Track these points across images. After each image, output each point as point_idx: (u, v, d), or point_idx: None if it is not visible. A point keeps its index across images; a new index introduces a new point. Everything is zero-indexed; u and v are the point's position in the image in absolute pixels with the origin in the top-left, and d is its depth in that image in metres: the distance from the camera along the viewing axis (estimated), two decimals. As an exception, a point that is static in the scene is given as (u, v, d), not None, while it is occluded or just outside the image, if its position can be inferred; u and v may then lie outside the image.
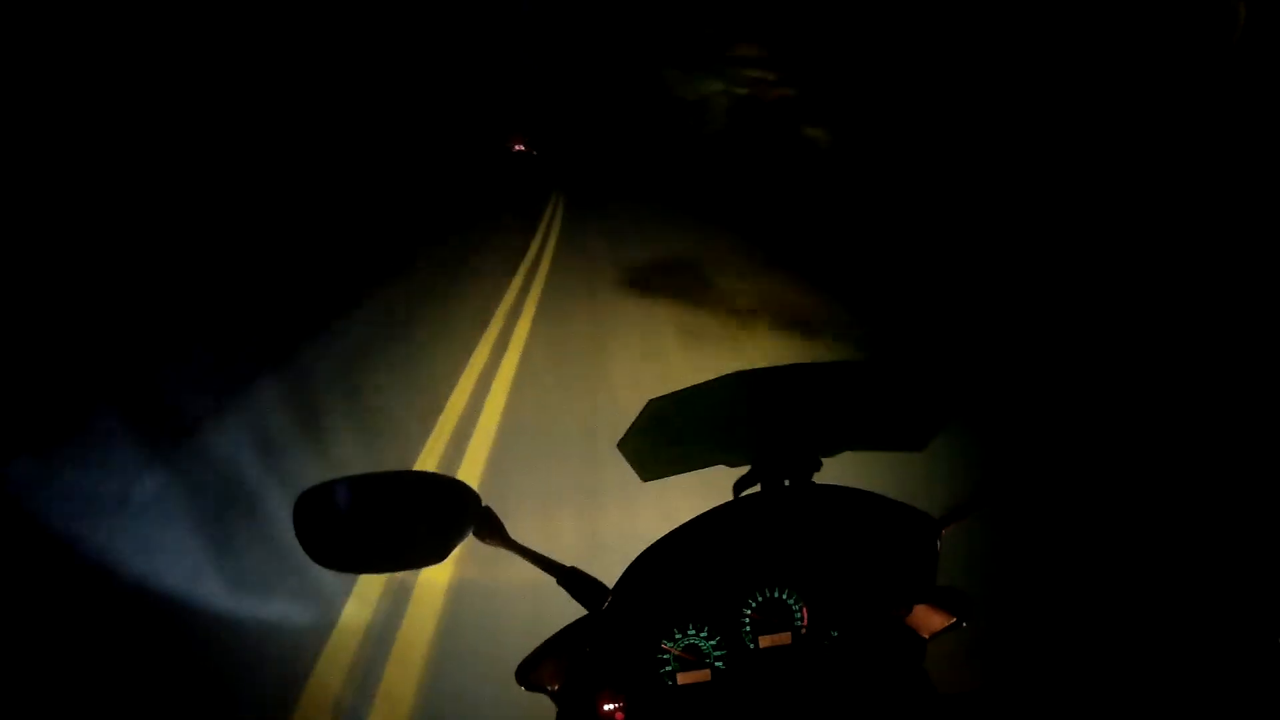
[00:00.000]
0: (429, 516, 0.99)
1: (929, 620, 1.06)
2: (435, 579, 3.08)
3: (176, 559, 3.26)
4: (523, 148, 27.55)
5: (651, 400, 1.01)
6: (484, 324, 6.89)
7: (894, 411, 1.09)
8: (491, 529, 1.00)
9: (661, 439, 1.05)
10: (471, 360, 5.87)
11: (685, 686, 1.01)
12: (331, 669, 2.67)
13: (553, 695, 1.01)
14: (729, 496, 1.09)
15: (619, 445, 1.05)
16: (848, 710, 1.02)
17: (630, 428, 1.02)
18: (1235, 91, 8.10)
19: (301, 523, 0.97)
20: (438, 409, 4.88)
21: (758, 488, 1.08)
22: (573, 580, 1.02)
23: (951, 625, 1.05)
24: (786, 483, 1.07)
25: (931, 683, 1.04)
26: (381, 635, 2.83)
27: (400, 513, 0.99)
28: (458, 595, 3.00)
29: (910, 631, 1.06)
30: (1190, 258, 6.08)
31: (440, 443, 4.43)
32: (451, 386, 5.28)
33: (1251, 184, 6.51)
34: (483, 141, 26.33)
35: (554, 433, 4.51)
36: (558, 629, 1.03)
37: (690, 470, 1.08)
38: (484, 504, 1.00)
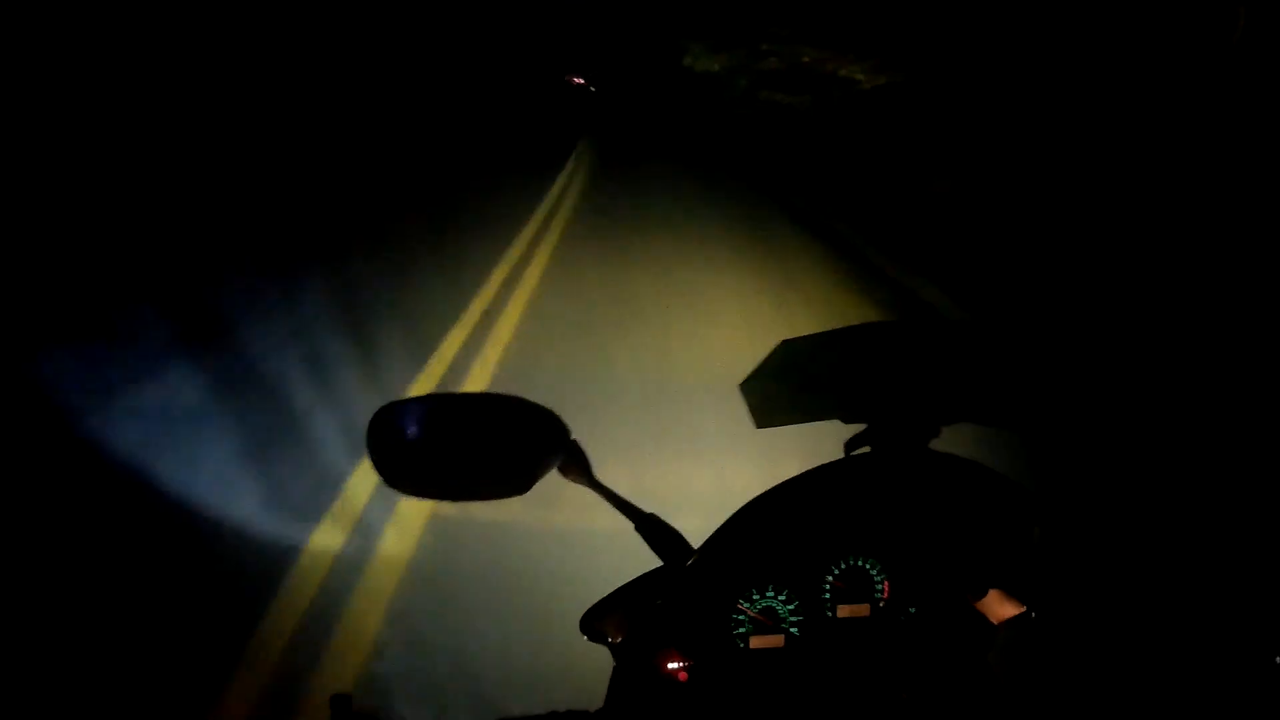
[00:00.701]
0: (514, 445, 0.93)
1: (1001, 607, 1.02)
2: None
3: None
4: (581, 81, 30.26)
5: (784, 341, 0.95)
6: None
7: (1023, 389, 1.04)
8: (578, 465, 0.94)
9: (784, 383, 0.99)
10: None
11: (757, 651, 0.97)
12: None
13: (613, 648, 0.96)
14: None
15: (741, 386, 0.99)
16: (916, 690, 0.99)
17: (756, 369, 0.97)
18: (1235, 92, 8.04)
19: (376, 439, 0.91)
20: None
21: (869, 449, 1.03)
22: (652, 528, 0.96)
23: (1021, 615, 1.02)
24: (900, 447, 1.02)
25: (994, 674, 1.01)
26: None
27: (483, 438, 0.93)
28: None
29: (982, 617, 1.03)
30: (1193, 257, 6.02)
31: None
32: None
33: (1252, 184, 6.47)
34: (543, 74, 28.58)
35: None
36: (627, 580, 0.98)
37: (805, 421, 1.02)
38: (572, 438, 0.94)
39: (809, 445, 1.22)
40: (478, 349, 5.10)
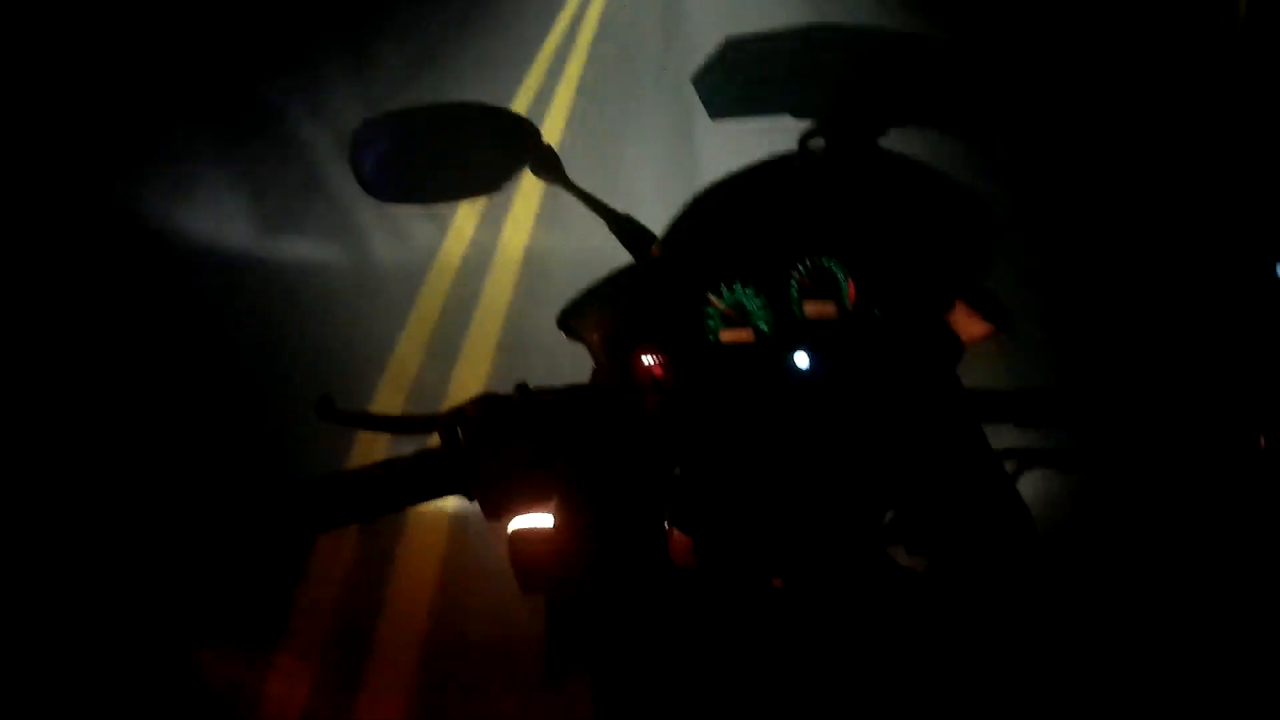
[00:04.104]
0: (486, 148, 0.97)
1: (968, 324, 1.04)
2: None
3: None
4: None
5: (729, 37, 0.95)
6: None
7: (973, 93, 1.04)
8: (549, 166, 0.97)
9: (735, 78, 1.00)
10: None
11: (728, 345, 1.01)
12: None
13: (591, 346, 1.01)
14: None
15: (692, 79, 1.01)
16: (885, 391, 1.02)
17: (705, 62, 0.97)
18: (1237, 86, 7.63)
19: (357, 155, 0.94)
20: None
21: (822, 143, 1.04)
22: (624, 226, 1.00)
23: (988, 334, 1.03)
24: (853, 143, 1.03)
25: (961, 384, 1.04)
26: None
27: (457, 143, 0.97)
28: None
29: (948, 329, 1.05)
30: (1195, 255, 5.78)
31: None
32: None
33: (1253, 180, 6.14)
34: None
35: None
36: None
37: (758, 116, 1.03)
38: (544, 141, 0.97)
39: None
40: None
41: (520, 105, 4.82)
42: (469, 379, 2.76)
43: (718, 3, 7.65)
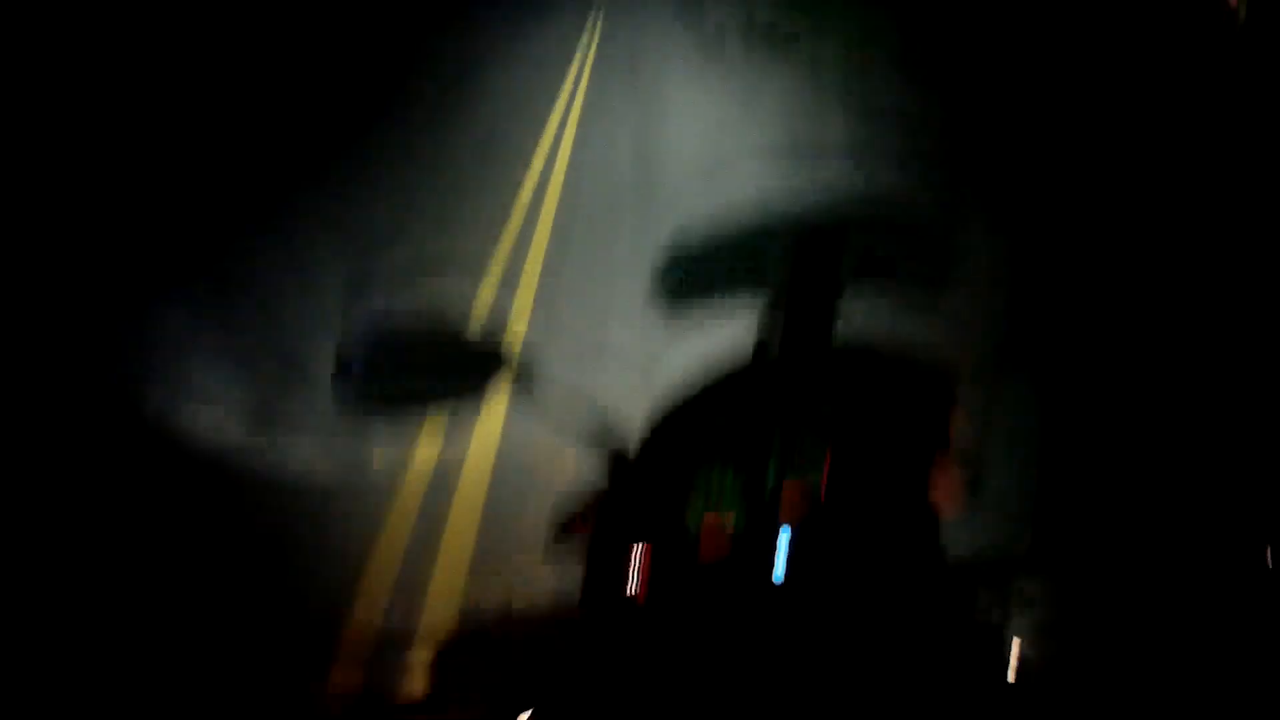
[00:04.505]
0: (457, 366, 1.00)
1: (944, 487, 1.06)
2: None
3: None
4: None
5: (680, 225, 1.01)
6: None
7: (932, 254, 1.10)
8: (520, 379, 1.01)
9: (690, 265, 1.05)
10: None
11: (709, 528, 1.01)
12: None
13: (581, 543, 1.01)
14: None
15: (650, 276, 1.06)
16: (869, 565, 1.01)
17: (658, 254, 1.03)
18: (1235, 87, 8.06)
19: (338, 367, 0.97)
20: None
21: (784, 321, 1.08)
22: (597, 425, 1.02)
23: (962, 495, 1.05)
24: (822, 322, 1.07)
25: (943, 550, 1.04)
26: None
27: (429, 362, 1.00)
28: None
29: (925, 495, 1.06)
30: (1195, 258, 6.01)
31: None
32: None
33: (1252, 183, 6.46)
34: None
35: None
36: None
37: (716, 299, 1.07)
38: (512, 354, 1.01)
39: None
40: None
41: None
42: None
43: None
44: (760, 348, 1.04)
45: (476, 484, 3.09)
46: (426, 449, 3.26)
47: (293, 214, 5.73)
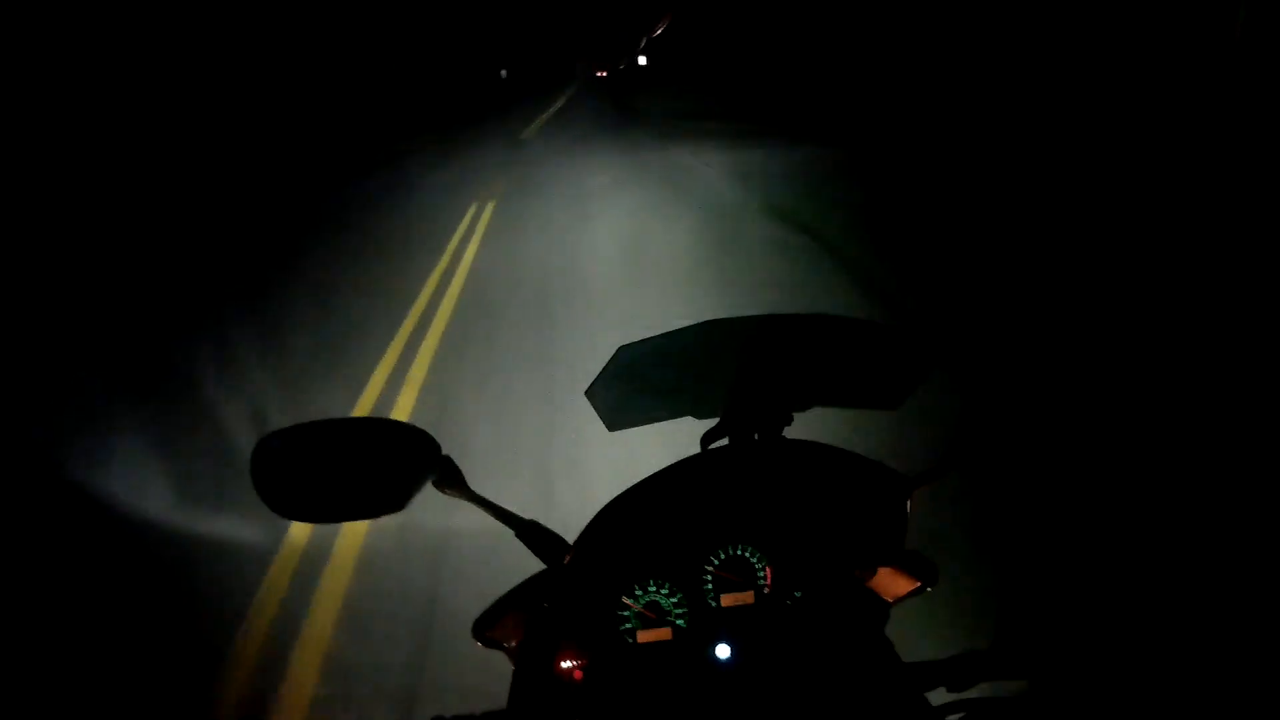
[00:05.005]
0: (388, 464, 0.95)
1: (893, 584, 1.04)
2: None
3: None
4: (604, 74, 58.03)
5: (622, 347, 0.97)
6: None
7: (870, 368, 1.06)
8: (451, 479, 0.96)
9: (631, 387, 1.01)
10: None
11: (646, 645, 0.99)
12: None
13: (509, 652, 0.98)
14: (696, 449, 1.07)
15: (587, 393, 1.01)
16: (810, 673, 1.00)
17: (599, 375, 0.98)
18: (1236, 86, 8.01)
19: (259, 471, 0.92)
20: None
21: (726, 441, 1.05)
22: (532, 534, 0.98)
23: (915, 590, 1.03)
24: (756, 437, 1.04)
25: (893, 649, 1.03)
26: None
27: (359, 460, 0.95)
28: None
29: (873, 595, 1.04)
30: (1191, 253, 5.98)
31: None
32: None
33: (1252, 179, 6.41)
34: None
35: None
36: (516, 584, 1.00)
37: (658, 421, 1.05)
38: (444, 453, 0.96)
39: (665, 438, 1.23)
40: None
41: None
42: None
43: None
44: (697, 464, 1.01)
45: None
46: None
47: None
